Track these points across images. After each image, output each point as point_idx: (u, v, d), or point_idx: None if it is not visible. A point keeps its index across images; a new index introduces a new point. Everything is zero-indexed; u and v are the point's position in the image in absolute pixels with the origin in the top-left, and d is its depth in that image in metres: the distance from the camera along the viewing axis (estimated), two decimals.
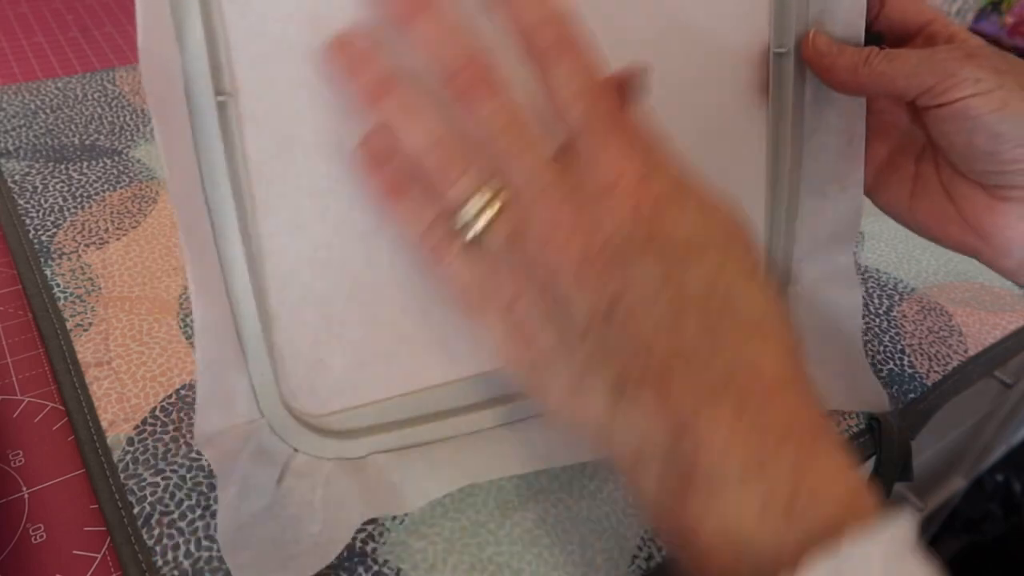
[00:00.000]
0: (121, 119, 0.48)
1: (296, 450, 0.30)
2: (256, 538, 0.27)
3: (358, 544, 0.29)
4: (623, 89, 0.26)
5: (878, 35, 0.33)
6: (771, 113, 0.35)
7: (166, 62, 0.24)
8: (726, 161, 0.35)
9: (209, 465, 0.30)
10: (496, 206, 0.23)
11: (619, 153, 0.22)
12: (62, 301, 0.35)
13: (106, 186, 0.43)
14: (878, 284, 0.45)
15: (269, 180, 0.27)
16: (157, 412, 0.31)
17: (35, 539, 0.28)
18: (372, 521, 0.29)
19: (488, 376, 0.32)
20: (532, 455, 0.31)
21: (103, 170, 0.44)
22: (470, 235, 0.23)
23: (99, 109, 0.49)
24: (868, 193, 0.35)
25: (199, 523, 0.28)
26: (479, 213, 0.23)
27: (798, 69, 0.33)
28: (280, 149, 0.27)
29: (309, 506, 0.29)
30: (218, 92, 0.25)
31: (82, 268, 0.37)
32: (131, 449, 0.30)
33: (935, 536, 0.97)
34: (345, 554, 0.28)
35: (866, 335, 0.41)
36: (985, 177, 0.31)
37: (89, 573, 0.27)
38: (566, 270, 0.21)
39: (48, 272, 0.37)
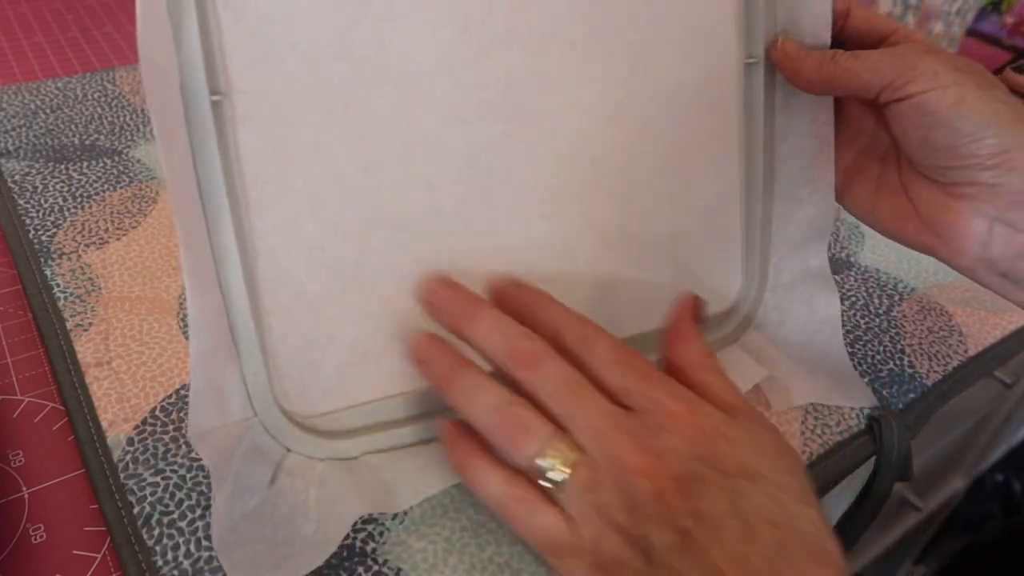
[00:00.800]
0: (121, 119, 0.48)
1: (289, 450, 0.30)
2: (250, 537, 0.27)
3: (358, 544, 0.29)
4: (690, 316, 0.31)
5: (843, 44, 0.34)
6: (743, 121, 0.36)
7: (163, 63, 0.24)
8: (700, 170, 0.36)
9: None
10: (569, 454, 0.24)
11: (667, 395, 0.25)
12: (62, 301, 0.35)
13: (106, 186, 0.43)
14: (878, 284, 0.45)
15: (264, 180, 0.27)
16: (157, 412, 0.31)
17: (35, 539, 0.28)
18: (372, 521, 0.29)
19: None
20: None
21: (103, 170, 0.44)
22: (548, 485, 0.24)
23: (99, 109, 0.49)
24: (836, 196, 0.36)
25: (199, 523, 0.28)
26: (554, 464, 0.24)
27: (768, 78, 0.34)
28: (275, 150, 0.27)
29: (303, 506, 0.29)
30: (213, 92, 0.26)
31: (82, 268, 0.37)
32: (131, 449, 0.30)
33: (935, 536, 0.97)
34: (345, 554, 0.28)
35: (866, 335, 0.41)
36: (942, 174, 0.32)
37: (89, 573, 0.27)
38: (642, 506, 0.23)
39: (48, 272, 0.37)
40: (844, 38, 0.35)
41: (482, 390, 0.26)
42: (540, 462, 0.24)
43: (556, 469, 0.24)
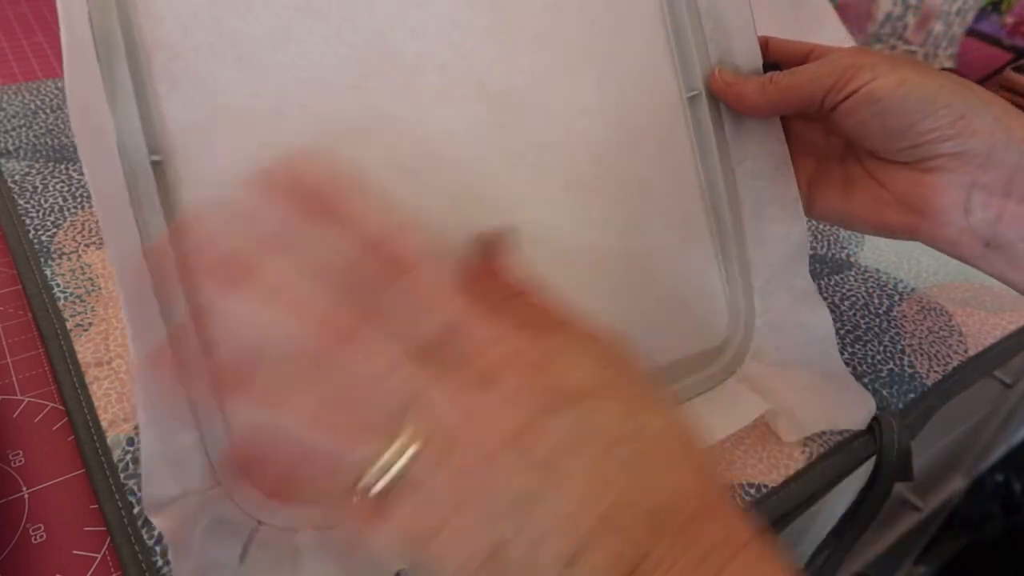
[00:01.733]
0: None
1: (260, 522, 0.27)
2: None
3: None
4: (493, 250, 0.27)
5: (772, 66, 0.36)
6: (697, 152, 0.37)
7: (99, 123, 0.25)
8: (663, 206, 0.36)
9: None
10: (407, 442, 0.21)
11: (486, 335, 0.23)
12: (62, 301, 0.35)
13: None
14: (878, 284, 0.45)
15: None
16: None
17: (35, 539, 0.28)
18: None
19: None
20: None
21: None
22: (387, 482, 0.21)
23: None
24: (806, 209, 0.37)
25: None
26: (393, 459, 0.21)
27: (712, 108, 0.36)
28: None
29: None
30: (152, 152, 0.26)
31: (82, 268, 0.37)
32: (131, 449, 0.30)
33: (935, 536, 0.97)
34: None
35: (866, 335, 0.41)
36: (908, 154, 0.32)
37: (89, 573, 0.27)
38: (494, 463, 0.21)
39: (48, 272, 0.37)
40: (768, 65, 0.36)
41: (291, 397, 0.22)
42: (382, 459, 0.21)
43: (397, 460, 0.21)
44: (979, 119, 0.31)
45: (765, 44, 0.37)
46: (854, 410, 0.36)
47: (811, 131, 0.37)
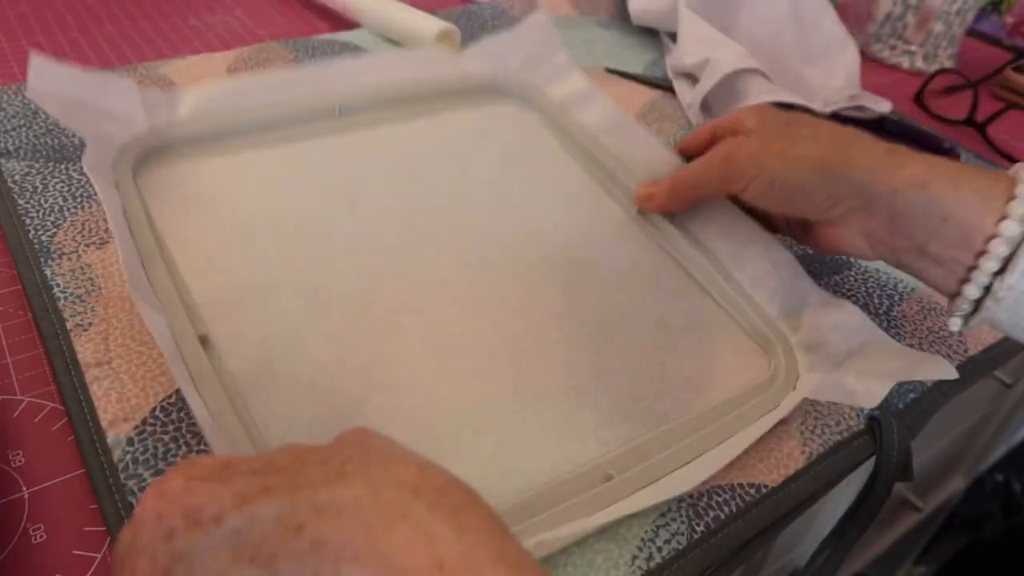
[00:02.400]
0: None
1: None
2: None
3: None
4: None
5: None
6: (667, 250, 0.44)
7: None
8: (664, 304, 0.41)
9: None
10: None
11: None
12: (62, 301, 0.35)
13: None
14: (878, 284, 0.45)
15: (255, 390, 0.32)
16: (157, 412, 0.31)
17: (35, 539, 0.28)
18: None
19: None
20: None
21: None
22: None
23: None
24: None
25: None
26: None
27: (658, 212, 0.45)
28: (259, 373, 0.33)
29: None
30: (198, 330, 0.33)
31: (82, 268, 0.37)
32: (131, 449, 0.30)
33: (935, 536, 0.97)
34: None
35: None
36: (809, 219, 0.39)
37: (89, 573, 0.27)
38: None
39: (48, 272, 0.37)
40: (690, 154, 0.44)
41: None
42: None
43: None
44: (847, 186, 0.36)
45: (678, 149, 0.46)
46: (933, 364, 0.36)
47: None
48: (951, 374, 0.36)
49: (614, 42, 0.69)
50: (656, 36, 0.71)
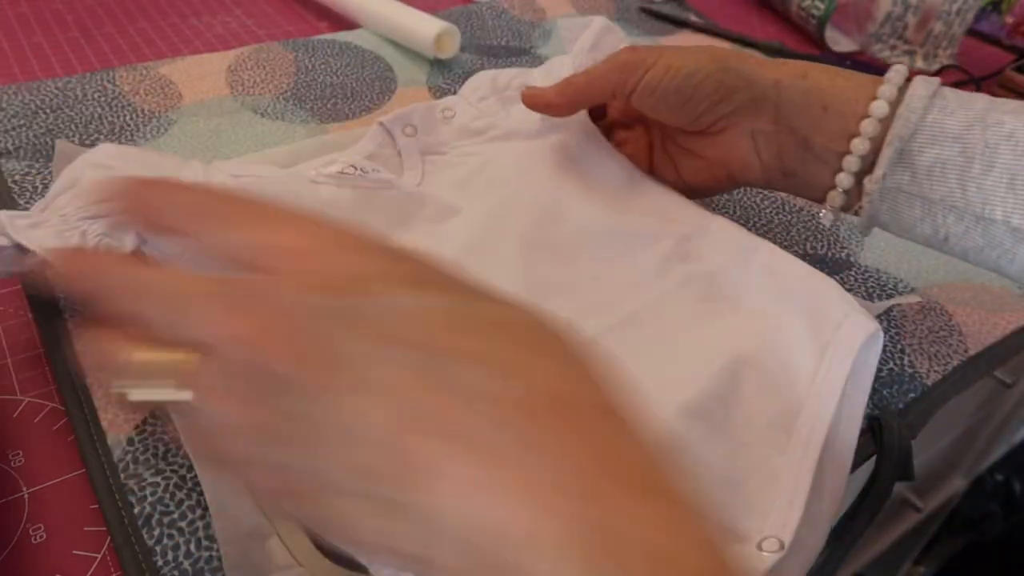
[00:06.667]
0: (121, 119, 0.48)
1: None
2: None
3: None
4: None
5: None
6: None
7: None
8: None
9: None
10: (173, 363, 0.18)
11: (279, 240, 0.19)
12: (62, 301, 0.35)
13: None
14: (878, 284, 0.45)
15: None
16: (157, 412, 0.31)
17: (35, 539, 0.28)
18: None
19: None
20: None
21: None
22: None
23: (99, 109, 0.49)
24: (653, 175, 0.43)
25: (199, 523, 0.28)
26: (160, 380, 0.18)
27: None
28: None
29: None
30: None
31: None
32: (131, 449, 0.30)
33: (935, 536, 0.97)
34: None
35: None
36: (697, 124, 0.39)
37: (89, 573, 0.27)
38: (255, 382, 0.17)
39: (48, 272, 0.37)
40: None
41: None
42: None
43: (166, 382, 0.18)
44: (736, 78, 0.37)
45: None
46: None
47: (635, 133, 0.44)
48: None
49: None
50: (656, 36, 0.71)
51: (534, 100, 0.41)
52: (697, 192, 0.43)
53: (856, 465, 0.35)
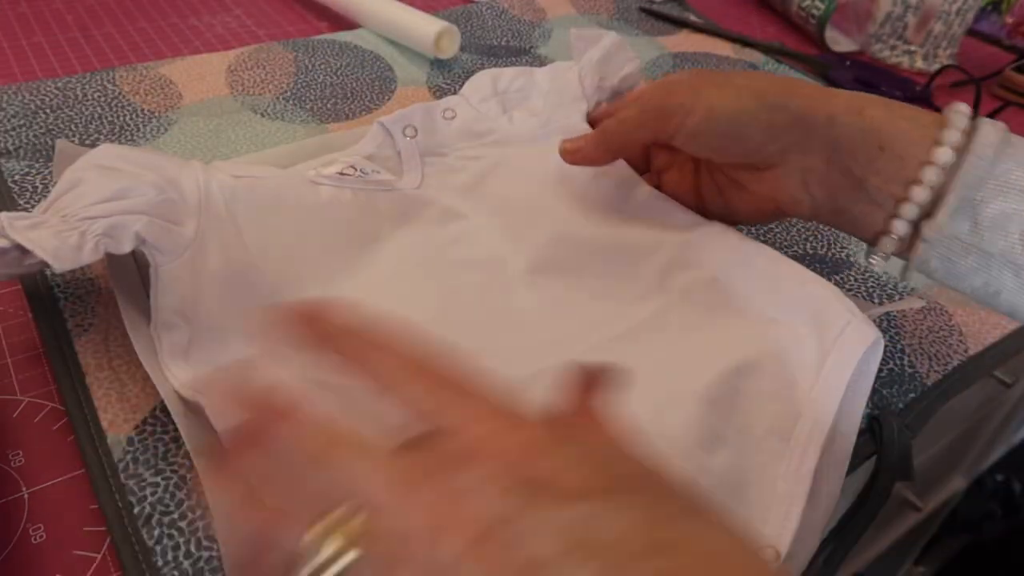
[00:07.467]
0: (121, 119, 0.48)
1: None
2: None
3: None
4: (593, 381, 0.24)
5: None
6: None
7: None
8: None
9: None
10: (347, 531, 0.18)
11: (471, 411, 0.19)
12: (62, 301, 0.35)
13: None
14: (878, 284, 0.45)
15: None
16: (157, 412, 0.31)
17: (35, 539, 0.28)
18: None
19: None
20: None
21: None
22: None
23: (99, 109, 0.49)
24: (706, 215, 0.41)
25: (199, 523, 0.28)
26: (333, 555, 0.18)
27: None
28: None
29: None
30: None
31: (82, 268, 0.37)
32: (131, 449, 0.30)
33: (935, 536, 0.97)
34: None
35: None
36: (745, 160, 0.37)
37: (89, 573, 0.27)
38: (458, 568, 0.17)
39: (48, 272, 0.37)
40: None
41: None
42: (318, 555, 0.17)
43: (336, 556, 0.17)
44: (785, 116, 0.35)
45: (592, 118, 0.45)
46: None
47: (680, 157, 0.42)
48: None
49: None
50: (656, 36, 0.71)
51: (575, 157, 0.40)
52: (743, 221, 0.41)
53: (855, 465, 0.35)
